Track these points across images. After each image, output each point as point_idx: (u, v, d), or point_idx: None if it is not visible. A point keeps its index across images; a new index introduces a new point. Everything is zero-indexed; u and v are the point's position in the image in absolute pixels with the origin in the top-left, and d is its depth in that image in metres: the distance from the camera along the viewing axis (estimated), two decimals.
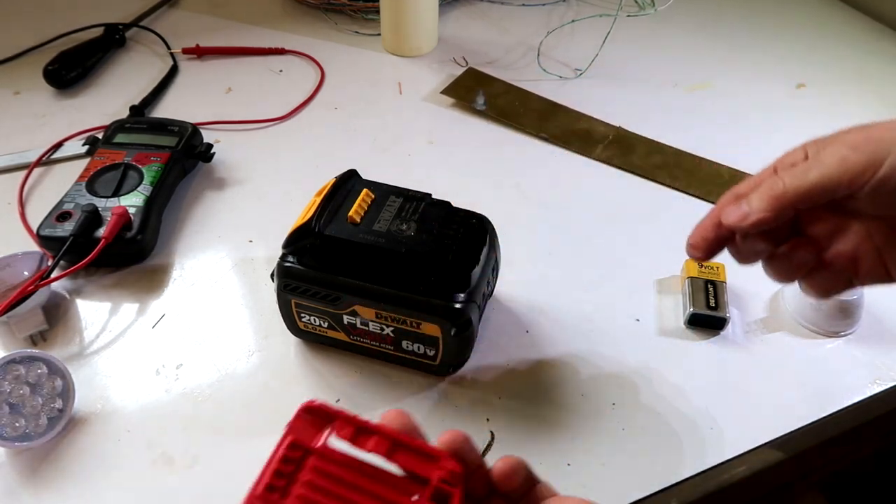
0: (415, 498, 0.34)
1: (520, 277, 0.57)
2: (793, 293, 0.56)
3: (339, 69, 0.82)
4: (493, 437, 0.47)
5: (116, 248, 0.56)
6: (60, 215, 0.57)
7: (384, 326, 0.48)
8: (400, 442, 0.35)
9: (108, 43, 0.82)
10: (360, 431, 0.35)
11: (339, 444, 0.35)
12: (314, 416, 0.36)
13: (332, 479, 0.35)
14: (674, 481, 0.46)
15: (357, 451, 0.35)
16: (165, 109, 0.75)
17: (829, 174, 0.35)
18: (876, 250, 0.38)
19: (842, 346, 0.54)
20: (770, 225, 0.37)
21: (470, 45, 0.86)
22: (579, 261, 0.60)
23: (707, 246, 0.40)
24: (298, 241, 0.47)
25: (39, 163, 0.67)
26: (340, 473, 0.35)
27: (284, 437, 0.36)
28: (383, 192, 0.49)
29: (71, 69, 0.77)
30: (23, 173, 0.66)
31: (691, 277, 0.56)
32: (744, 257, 0.40)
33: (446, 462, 0.34)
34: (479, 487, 0.35)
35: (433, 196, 0.49)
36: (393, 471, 0.35)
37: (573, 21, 0.89)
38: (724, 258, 0.49)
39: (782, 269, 0.40)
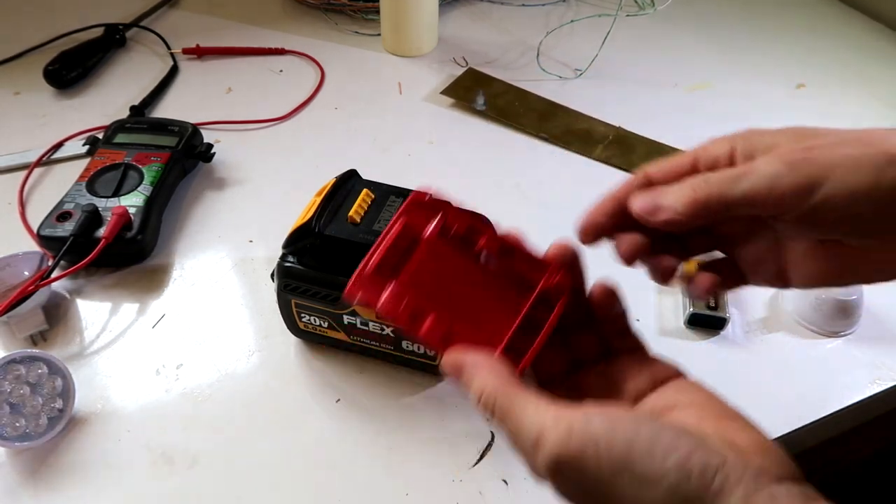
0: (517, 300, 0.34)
1: None
2: (793, 293, 0.56)
3: (339, 69, 0.82)
4: (493, 437, 0.47)
5: (116, 248, 0.56)
6: (61, 215, 0.57)
7: (384, 326, 0.48)
8: (511, 245, 0.35)
9: (109, 43, 0.82)
10: (472, 228, 0.35)
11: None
12: (427, 207, 0.36)
13: (438, 269, 0.35)
14: None
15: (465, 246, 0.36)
16: (165, 109, 0.75)
17: (758, 190, 0.32)
18: (779, 259, 0.36)
19: (842, 346, 0.54)
20: (681, 228, 0.34)
21: (470, 45, 0.86)
22: None
23: (595, 233, 0.36)
24: (298, 241, 0.47)
25: (40, 163, 0.67)
26: (447, 264, 0.35)
27: (395, 221, 0.36)
28: (383, 192, 0.49)
29: (71, 69, 0.77)
30: (23, 173, 0.66)
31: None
32: (625, 256, 0.37)
33: (554, 272, 0.34)
34: (576, 313, 0.35)
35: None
36: (496, 273, 0.35)
37: (573, 21, 0.89)
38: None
39: (654, 273, 0.37)
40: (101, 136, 0.67)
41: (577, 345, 0.36)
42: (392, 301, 0.34)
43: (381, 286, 0.34)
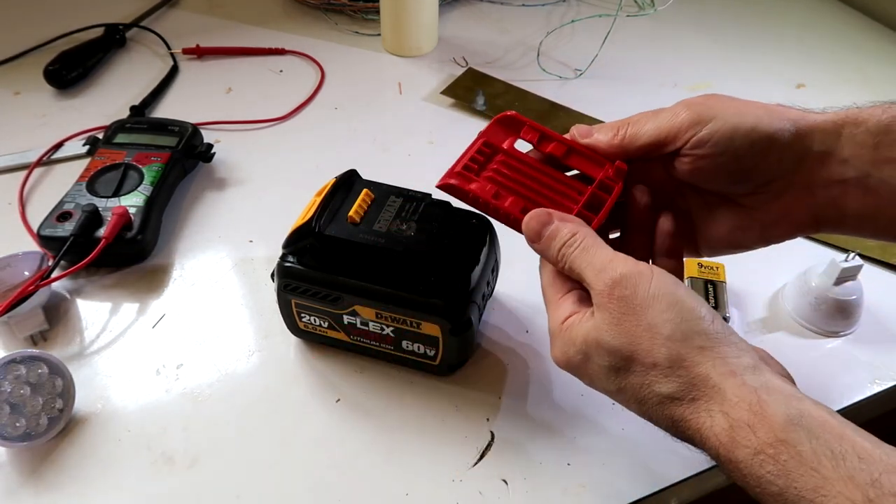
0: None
1: (520, 277, 0.57)
2: (793, 293, 0.56)
3: (339, 69, 0.82)
4: (493, 437, 0.47)
5: (117, 248, 0.56)
6: (61, 215, 0.57)
7: (384, 326, 0.48)
8: (575, 147, 0.43)
9: (109, 43, 0.82)
10: (543, 137, 0.43)
11: (525, 147, 0.43)
12: (505, 126, 0.44)
13: (515, 170, 0.43)
14: (673, 481, 0.46)
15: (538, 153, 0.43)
16: (165, 109, 0.75)
17: (659, 126, 0.40)
18: (690, 228, 0.43)
19: (842, 346, 0.54)
20: (606, 154, 0.42)
21: (470, 45, 0.86)
22: None
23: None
24: (298, 241, 0.47)
25: (40, 163, 0.67)
26: (522, 167, 0.43)
27: (477, 139, 0.44)
28: (383, 192, 0.49)
29: (71, 69, 0.77)
30: (23, 173, 0.66)
31: (691, 277, 0.56)
32: None
33: (611, 166, 0.42)
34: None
35: (433, 196, 0.49)
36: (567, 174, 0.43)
37: (573, 21, 0.90)
38: (724, 259, 0.49)
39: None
40: (101, 136, 0.67)
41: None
42: (479, 184, 0.42)
43: (467, 182, 0.42)
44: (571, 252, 0.37)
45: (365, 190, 0.48)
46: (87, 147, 0.68)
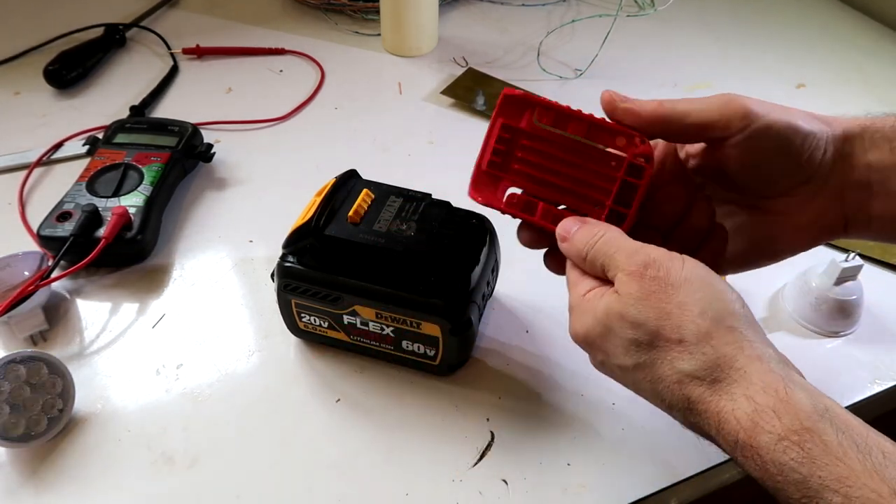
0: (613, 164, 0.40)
1: (520, 277, 0.57)
2: (793, 293, 0.56)
3: (339, 69, 0.82)
4: (493, 437, 0.47)
5: (116, 248, 0.56)
6: (61, 215, 0.57)
7: (384, 326, 0.48)
8: (596, 123, 0.41)
9: (109, 43, 0.82)
10: (560, 116, 0.41)
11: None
12: (516, 104, 0.41)
13: (541, 154, 0.41)
14: (674, 481, 0.46)
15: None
16: (165, 109, 0.75)
17: (711, 110, 0.39)
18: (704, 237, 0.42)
19: (842, 346, 0.54)
20: (637, 121, 0.40)
21: (470, 45, 0.86)
22: None
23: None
24: (298, 241, 0.47)
25: (40, 163, 0.67)
26: (548, 149, 0.41)
27: (495, 121, 0.41)
28: (383, 192, 0.49)
29: (71, 69, 0.77)
30: (23, 173, 0.66)
31: None
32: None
33: (639, 142, 0.40)
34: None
35: (433, 196, 0.49)
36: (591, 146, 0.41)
37: (573, 21, 0.90)
38: None
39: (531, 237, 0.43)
40: (101, 136, 0.67)
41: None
42: (508, 199, 0.41)
43: (496, 183, 0.42)
44: (598, 240, 0.37)
45: (365, 190, 0.48)
46: (86, 147, 0.68)
